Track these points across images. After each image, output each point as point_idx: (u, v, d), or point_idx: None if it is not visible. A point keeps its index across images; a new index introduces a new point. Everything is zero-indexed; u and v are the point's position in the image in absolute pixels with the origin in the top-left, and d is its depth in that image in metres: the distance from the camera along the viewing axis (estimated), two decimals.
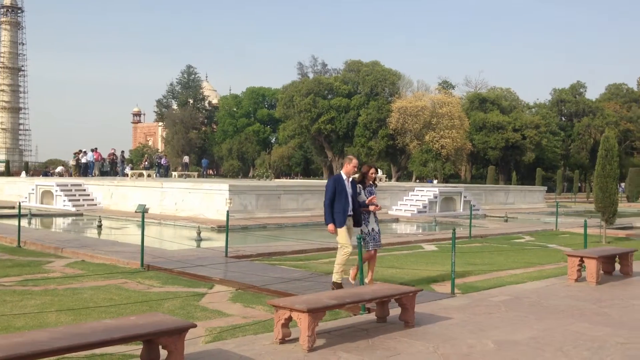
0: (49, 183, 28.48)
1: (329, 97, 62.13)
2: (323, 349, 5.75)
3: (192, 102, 79.56)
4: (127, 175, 36.97)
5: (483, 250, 14.21)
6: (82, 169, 37.17)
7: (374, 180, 8.96)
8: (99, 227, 18.65)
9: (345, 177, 8.37)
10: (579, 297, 8.68)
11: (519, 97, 77.44)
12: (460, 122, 57.24)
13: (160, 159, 45.67)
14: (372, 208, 8.67)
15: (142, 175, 36.02)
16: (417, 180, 60.73)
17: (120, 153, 42.51)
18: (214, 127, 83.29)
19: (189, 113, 76.39)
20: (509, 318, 7.25)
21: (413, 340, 6.13)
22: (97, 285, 8.98)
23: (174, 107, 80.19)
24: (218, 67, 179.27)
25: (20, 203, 18.94)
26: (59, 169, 46.79)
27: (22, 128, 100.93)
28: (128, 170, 40.07)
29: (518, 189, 37.67)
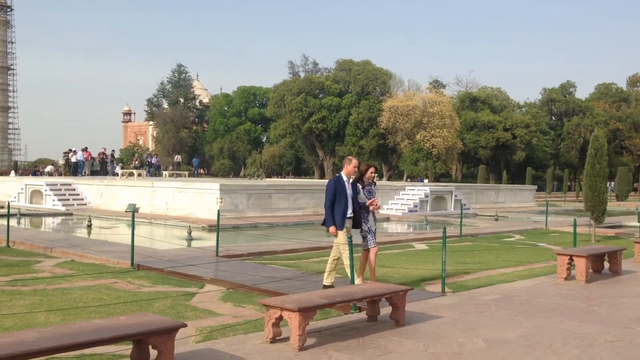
0: (39, 182, 28.31)
1: (320, 96, 62.13)
2: (314, 348, 5.75)
3: (182, 101, 79.28)
4: (117, 175, 36.81)
5: (473, 249, 14.26)
6: (72, 169, 36.96)
7: (373, 179, 8.90)
8: (89, 226, 18.56)
9: (346, 178, 8.31)
10: (569, 295, 8.73)
11: (510, 96, 77.89)
12: (451, 121, 57.41)
13: (151, 158, 45.48)
14: (372, 208, 8.63)
15: (132, 175, 35.88)
16: (408, 180, 60.84)
17: (111, 152, 42.32)
18: (205, 126, 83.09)
19: (180, 112, 76.13)
20: (499, 316, 7.28)
21: (404, 339, 6.15)
22: (86, 285, 8.93)
23: (165, 106, 79.87)
24: (209, 66, 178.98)
25: (9, 202, 18.78)
26: (49, 169, 46.50)
27: (11, 127, 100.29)
28: (118, 170, 39.90)
29: (508, 188, 37.84)
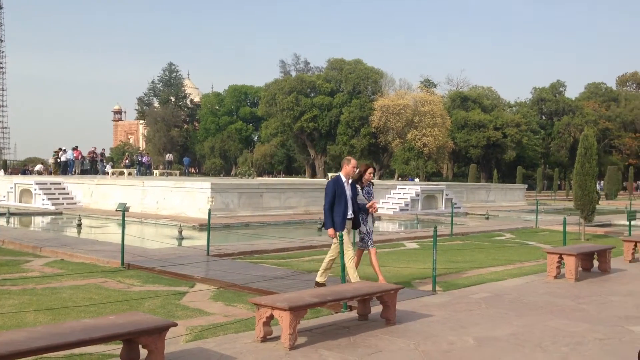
0: (28, 181, 28.13)
1: (312, 95, 62.13)
2: (304, 347, 5.75)
3: (173, 100, 78.99)
4: (107, 174, 36.64)
5: (464, 248, 14.31)
6: (61, 168, 36.78)
7: (371, 180, 8.85)
8: (79, 225, 18.48)
9: (345, 178, 8.21)
10: (558, 293, 8.77)
11: (500, 95, 78.26)
12: (442, 120, 57.57)
13: (142, 158, 45.32)
14: (372, 210, 8.60)
15: (122, 174, 35.72)
16: (399, 179, 60.97)
17: (101, 151, 42.13)
18: (196, 125, 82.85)
19: (171, 111, 75.86)
20: (489, 315, 7.31)
21: (394, 338, 6.16)
22: (76, 285, 8.89)
23: (156, 105, 79.53)
24: (200, 65, 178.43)
25: None
26: (38, 167, 46.25)
27: (0, 126, 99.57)
28: (109, 169, 39.72)
29: (499, 187, 37.99)
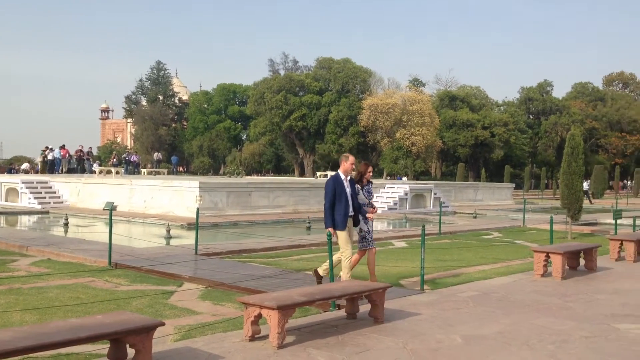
0: (14, 180, 27.90)
1: (300, 94, 62.11)
2: (293, 346, 5.75)
3: (161, 98, 78.58)
4: (94, 173, 36.41)
5: (452, 247, 14.37)
6: (48, 166, 36.52)
7: (370, 179, 8.76)
8: (66, 225, 18.35)
9: (344, 176, 8.10)
10: (545, 292, 8.84)
11: (488, 95, 78.60)
12: (431, 119, 57.78)
13: (129, 156, 45.08)
14: (370, 216, 8.56)
15: (110, 173, 35.52)
16: (387, 178, 61.10)
17: (88, 150, 41.87)
18: (184, 123, 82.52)
19: (159, 109, 75.47)
20: (477, 313, 7.35)
21: (382, 336, 6.17)
22: (63, 284, 8.83)
23: (144, 103, 79.08)
24: (188, 63, 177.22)
25: None
26: (25, 166, 45.88)
27: None
28: (96, 167, 39.47)
29: (487, 186, 38.21)
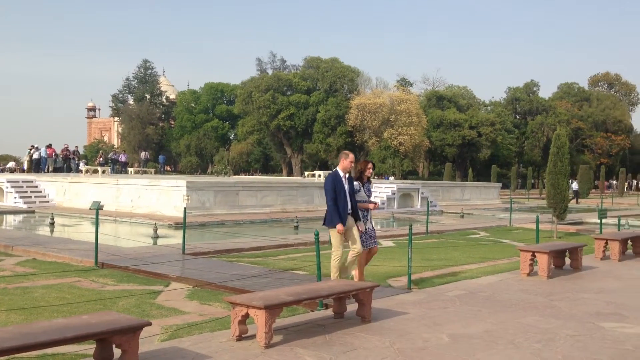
0: None
1: (288, 93, 62.03)
2: (280, 345, 5.75)
3: (149, 97, 78.12)
4: (81, 172, 36.15)
5: (439, 246, 14.43)
6: (33, 165, 36.23)
7: (370, 176, 8.69)
8: (52, 224, 18.23)
9: (342, 173, 8.00)
10: (531, 290, 8.90)
11: (475, 95, 79.02)
12: (418, 119, 57.95)
13: (116, 155, 44.80)
14: (371, 207, 8.49)
15: (97, 172, 35.27)
16: (375, 177, 61.22)
17: (74, 149, 41.57)
18: (172, 122, 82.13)
19: (146, 108, 75.01)
20: (464, 312, 7.39)
21: (369, 335, 6.19)
22: (49, 284, 8.77)
23: (131, 102, 78.62)
24: (175, 62, 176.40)
25: None
26: (10, 165, 45.47)
27: None
28: (82, 167, 39.18)
29: (474, 186, 38.39)
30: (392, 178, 53.38)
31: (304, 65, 64.93)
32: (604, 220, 17.45)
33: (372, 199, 8.71)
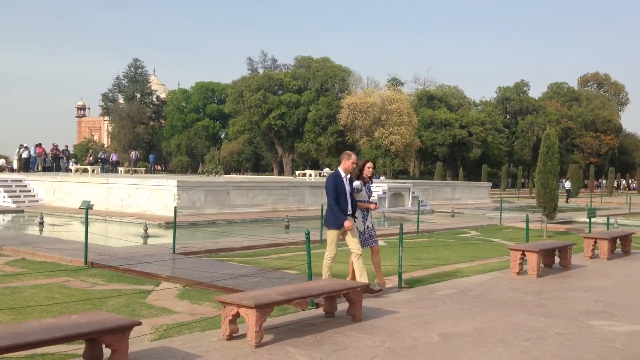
0: None
1: (279, 92, 61.97)
2: (271, 345, 5.75)
3: (139, 96, 77.77)
4: (70, 171, 35.97)
5: (430, 245, 14.47)
6: (22, 164, 36.00)
7: (372, 176, 8.64)
8: (41, 224, 18.12)
9: (344, 174, 7.93)
10: (521, 289, 8.95)
11: (466, 94, 79.28)
12: (409, 118, 58.05)
13: (107, 154, 44.56)
14: (372, 207, 8.49)
15: (86, 171, 35.11)
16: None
17: (64, 148, 41.34)
18: (162, 122, 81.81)
19: (136, 107, 74.69)
20: (454, 311, 7.42)
21: (360, 334, 6.20)
22: (38, 284, 8.72)
23: (121, 101, 78.26)
24: (166, 61, 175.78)
25: None
26: None
27: None
28: (72, 166, 38.98)
29: (464, 185, 38.53)
30: (382, 177, 53.39)
31: (295, 65, 64.89)
32: (593, 220, 17.57)
33: (371, 199, 8.70)
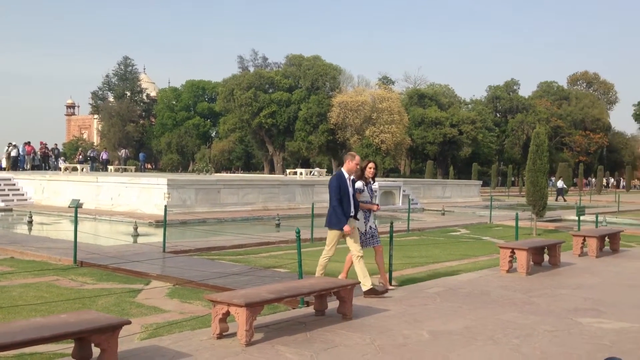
0: None
1: (270, 91, 61.86)
2: (261, 343, 5.75)
3: (129, 94, 77.40)
4: (60, 169, 35.76)
5: (420, 243, 14.51)
6: (11, 163, 35.73)
7: (374, 177, 8.59)
8: (30, 222, 18.01)
9: (347, 175, 7.86)
10: (510, 287, 8.99)
11: (457, 93, 79.52)
12: (400, 117, 58.12)
13: (95, 152, 44.31)
14: (374, 208, 8.48)
15: (76, 170, 34.92)
16: None
17: (53, 146, 41.10)
18: (153, 120, 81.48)
19: (126, 106, 74.34)
20: (444, 309, 7.44)
21: (350, 333, 6.21)
22: (27, 283, 8.67)
23: (110, 99, 77.87)
24: (156, 59, 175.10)
25: None
26: None
27: None
28: (61, 164, 38.75)
29: (455, 183, 38.62)
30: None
31: (286, 63, 64.81)
32: (582, 218, 17.67)
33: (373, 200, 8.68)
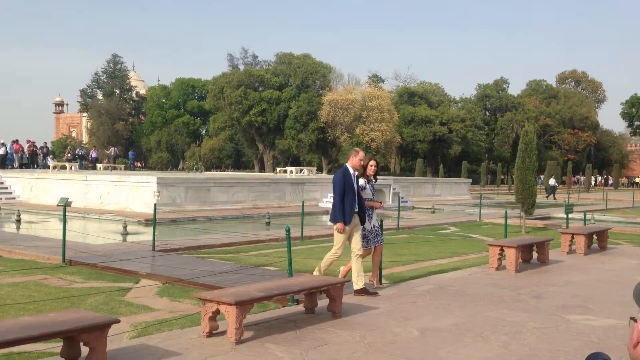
0: None
1: (260, 89, 61.74)
2: (251, 341, 5.74)
3: (118, 92, 77.01)
4: (48, 167, 35.53)
5: (410, 241, 14.54)
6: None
7: (375, 174, 8.58)
8: (18, 221, 17.89)
9: (352, 170, 7.84)
10: (499, 284, 9.04)
11: (446, 92, 79.71)
12: (390, 115, 58.22)
13: (83, 150, 44.07)
14: (377, 205, 8.45)
15: (65, 168, 34.71)
16: None
17: (42, 144, 40.83)
18: (142, 118, 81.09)
19: (116, 104, 73.96)
20: (433, 306, 7.47)
21: (340, 330, 6.22)
22: (15, 282, 8.61)
23: (99, 97, 77.42)
24: (146, 57, 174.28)
25: None
26: None
27: None
28: (50, 162, 38.50)
29: (444, 182, 38.75)
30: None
31: (276, 61, 64.71)
32: (571, 215, 17.79)
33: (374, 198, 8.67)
